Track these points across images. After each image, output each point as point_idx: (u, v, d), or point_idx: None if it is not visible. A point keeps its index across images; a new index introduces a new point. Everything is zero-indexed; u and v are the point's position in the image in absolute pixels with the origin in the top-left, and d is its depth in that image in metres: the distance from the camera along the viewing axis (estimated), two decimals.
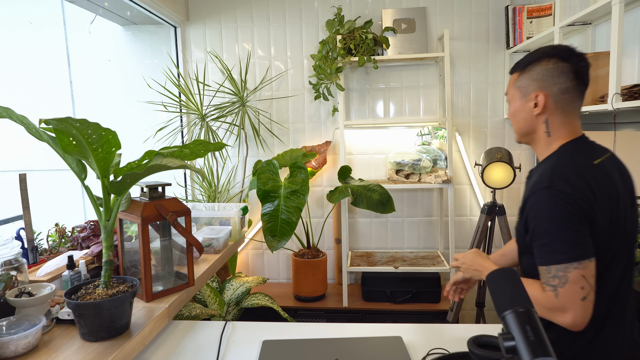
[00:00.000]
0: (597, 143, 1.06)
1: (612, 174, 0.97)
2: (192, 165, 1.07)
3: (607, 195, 0.92)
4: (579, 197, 0.89)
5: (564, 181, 0.91)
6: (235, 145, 2.77)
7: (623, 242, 0.96)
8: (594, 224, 0.90)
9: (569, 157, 0.98)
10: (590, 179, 0.92)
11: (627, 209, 0.98)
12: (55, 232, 1.53)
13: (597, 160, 0.97)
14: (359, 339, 1.13)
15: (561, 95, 0.98)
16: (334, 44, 2.43)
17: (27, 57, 2.81)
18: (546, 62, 0.99)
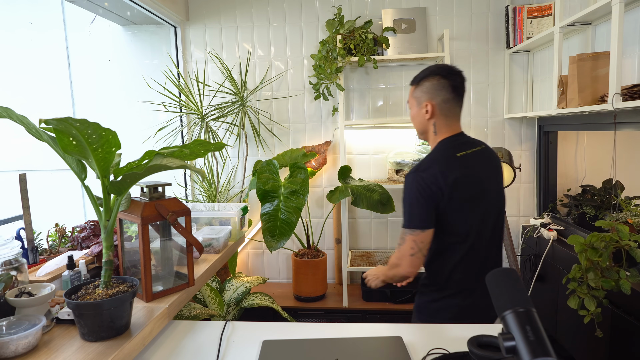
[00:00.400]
0: (472, 139, 1.34)
1: (475, 164, 1.26)
2: (192, 165, 1.07)
3: (465, 178, 1.22)
4: (431, 182, 1.20)
5: (424, 169, 1.23)
6: (235, 145, 2.77)
7: (484, 226, 1.26)
8: (447, 205, 1.20)
9: (440, 150, 1.28)
10: (448, 167, 1.21)
11: (492, 189, 1.29)
12: (55, 232, 1.53)
13: (461, 152, 1.26)
14: (359, 339, 1.13)
15: (443, 104, 1.28)
16: (334, 44, 2.43)
17: (27, 57, 2.81)
18: (432, 79, 1.28)
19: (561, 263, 2.08)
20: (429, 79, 1.29)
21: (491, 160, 1.34)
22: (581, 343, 1.87)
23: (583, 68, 1.77)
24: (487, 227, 1.29)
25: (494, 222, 1.31)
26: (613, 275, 1.40)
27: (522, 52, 2.58)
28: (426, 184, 1.20)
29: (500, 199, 1.35)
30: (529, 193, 2.69)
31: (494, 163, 1.34)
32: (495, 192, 1.32)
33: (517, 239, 2.69)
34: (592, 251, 1.43)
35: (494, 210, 1.30)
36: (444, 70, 1.27)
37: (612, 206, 2.05)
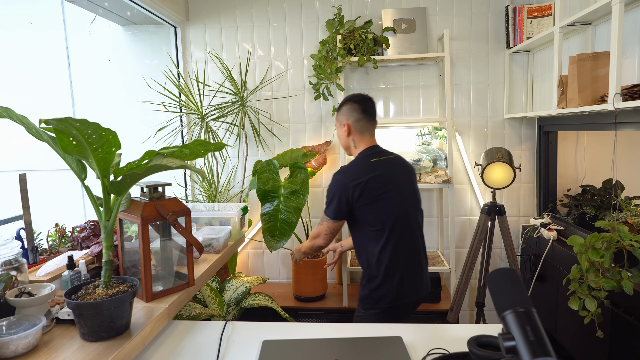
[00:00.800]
0: (385, 150, 1.66)
1: (387, 167, 1.58)
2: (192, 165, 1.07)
3: (377, 178, 1.53)
4: (347, 185, 1.53)
5: (343, 172, 1.58)
6: (235, 145, 2.77)
7: (396, 218, 1.54)
8: (356, 203, 1.53)
9: (359, 159, 1.62)
10: (363, 172, 1.54)
11: (404, 186, 1.59)
12: (55, 232, 1.53)
13: (374, 159, 1.59)
14: (359, 339, 1.13)
15: (357, 123, 1.63)
16: (334, 44, 2.43)
17: (27, 57, 2.81)
18: (347, 104, 1.65)
19: (561, 263, 2.08)
20: (345, 105, 1.65)
21: (403, 164, 1.66)
22: (581, 343, 1.87)
23: (583, 68, 1.77)
24: (403, 219, 1.56)
25: (410, 214, 1.60)
26: (615, 276, 1.40)
27: (522, 52, 2.58)
28: (345, 186, 1.54)
29: (414, 195, 1.65)
30: (529, 193, 2.69)
31: (406, 167, 1.67)
32: (409, 190, 1.62)
33: (517, 239, 2.69)
34: (593, 251, 1.43)
35: (408, 204, 1.60)
36: (356, 97, 1.64)
37: (612, 206, 2.05)
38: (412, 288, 1.58)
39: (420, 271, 1.61)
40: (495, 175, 2.13)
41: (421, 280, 1.61)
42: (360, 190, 1.51)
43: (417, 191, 1.67)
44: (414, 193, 1.64)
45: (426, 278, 1.65)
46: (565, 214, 2.46)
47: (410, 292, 1.57)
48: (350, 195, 1.53)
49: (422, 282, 1.62)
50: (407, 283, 1.56)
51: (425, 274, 1.64)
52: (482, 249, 2.29)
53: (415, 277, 1.59)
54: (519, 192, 2.69)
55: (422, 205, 1.68)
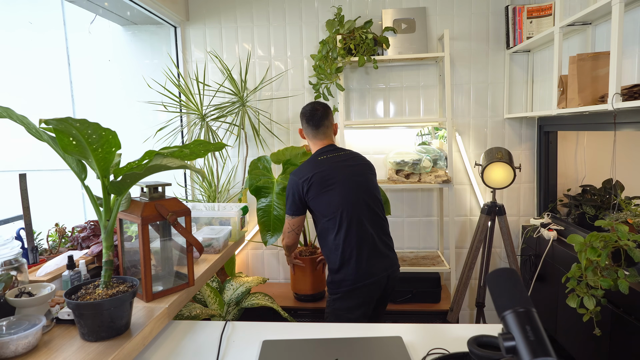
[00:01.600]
0: (337, 148, 1.83)
1: (332, 163, 1.75)
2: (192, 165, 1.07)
3: (321, 174, 1.71)
4: (298, 183, 1.73)
5: (295, 172, 1.77)
6: (235, 145, 2.77)
7: (344, 207, 1.68)
8: (307, 197, 1.72)
9: (309, 159, 1.80)
10: (311, 169, 1.73)
11: (349, 179, 1.73)
12: (55, 232, 1.53)
13: (321, 157, 1.77)
14: (359, 339, 1.13)
15: (306, 130, 1.86)
16: (334, 44, 2.43)
17: (27, 57, 2.81)
18: (300, 115, 1.86)
19: (561, 263, 2.08)
20: (300, 114, 1.87)
21: (354, 158, 1.82)
22: (581, 343, 1.87)
23: (583, 68, 1.77)
24: (351, 208, 1.69)
25: (358, 203, 1.71)
26: (612, 275, 1.40)
27: (522, 52, 2.58)
28: (296, 184, 1.74)
29: (363, 185, 1.76)
30: (529, 193, 2.69)
31: (358, 161, 1.82)
32: (356, 181, 1.74)
33: (517, 239, 2.69)
34: (591, 250, 1.43)
35: (354, 194, 1.72)
36: (303, 110, 1.85)
37: (612, 206, 2.05)
38: (369, 269, 1.68)
39: (378, 253, 1.72)
40: (495, 175, 2.13)
41: (381, 261, 1.72)
42: (308, 185, 1.71)
43: (368, 181, 1.78)
44: (362, 183, 1.76)
45: (389, 259, 1.75)
46: (565, 214, 2.46)
47: (368, 274, 1.68)
48: (301, 191, 1.72)
49: (382, 263, 1.72)
50: (363, 266, 1.67)
51: (385, 255, 1.74)
52: (482, 249, 2.29)
53: (372, 259, 1.70)
54: (519, 192, 2.69)
55: (378, 194, 1.81)
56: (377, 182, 1.85)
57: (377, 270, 1.70)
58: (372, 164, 1.87)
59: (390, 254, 1.77)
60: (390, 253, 1.78)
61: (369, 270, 1.69)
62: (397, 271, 1.80)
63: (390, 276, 1.75)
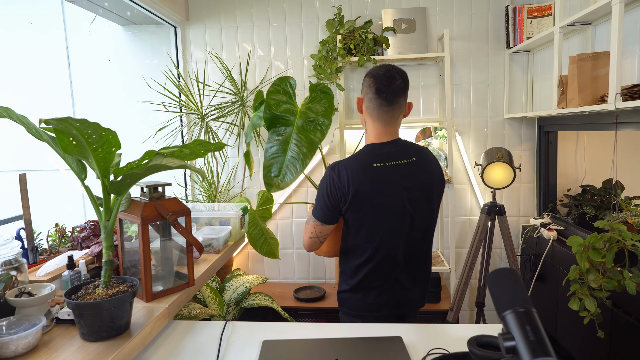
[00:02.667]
0: (404, 149, 1.31)
1: (388, 177, 1.25)
2: (192, 165, 1.07)
3: (371, 191, 1.24)
4: (338, 186, 1.25)
5: (337, 169, 1.27)
6: (235, 145, 2.77)
7: (382, 243, 1.28)
8: (343, 208, 1.27)
9: (360, 154, 1.30)
10: (359, 177, 1.24)
11: (401, 204, 1.27)
12: (55, 232, 1.53)
13: (378, 164, 1.26)
14: (359, 339, 1.13)
15: (369, 103, 1.29)
16: (334, 44, 2.43)
17: (27, 57, 2.81)
18: (366, 78, 1.31)
19: (561, 263, 2.08)
20: (365, 77, 1.33)
21: (420, 170, 1.30)
22: (581, 343, 1.87)
23: (583, 68, 1.77)
24: (394, 238, 1.29)
25: (405, 233, 1.30)
26: (616, 276, 1.39)
27: (522, 52, 2.58)
28: (334, 185, 1.27)
29: (423, 214, 1.31)
30: (529, 193, 2.69)
31: (422, 177, 1.30)
32: (415, 208, 1.29)
33: (517, 239, 2.69)
34: (594, 252, 1.42)
35: (403, 223, 1.29)
36: (374, 71, 1.30)
37: (612, 206, 2.05)
38: (372, 312, 1.36)
39: (398, 289, 1.36)
40: (495, 175, 2.13)
41: (397, 297, 1.37)
42: (349, 198, 1.26)
43: (428, 211, 1.33)
44: (420, 213, 1.31)
45: (408, 294, 1.37)
46: (565, 214, 2.46)
47: (370, 315, 1.36)
48: (337, 198, 1.28)
49: (398, 299, 1.37)
50: (372, 305, 1.35)
51: (406, 291, 1.37)
52: (482, 249, 2.29)
53: (385, 295, 1.36)
54: (519, 192, 2.69)
55: (433, 226, 1.38)
56: (439, 202, 1.38)
57: (385, 307, 1.36)
58: (442, 174, 1.38)
59: (413, 290, 1.38)
60: (411, 286, 1.38)
61: (381, 304, 1.36)
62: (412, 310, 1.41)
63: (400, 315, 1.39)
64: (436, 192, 1.34)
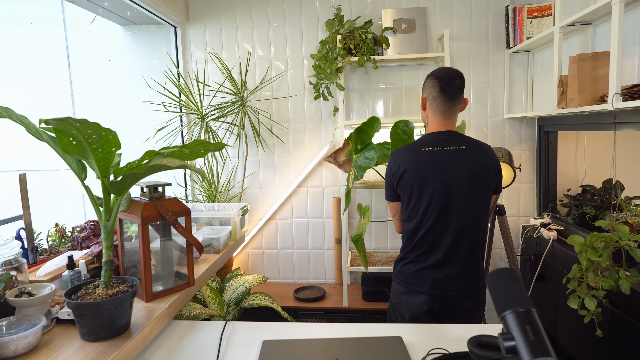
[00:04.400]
0: (455, 138, 1.46)
1: (435, 161, 1.42)
2: (192, 165, 1.07)
3: (416, 172, 1.42)
4: (393, 167, 1.48)
5: (395, 155, 1.50)
6: (235, 145, 2.77)
7: (426, 220, 1.43)
8: (397, 185, 1.48)
9: (415, 142, 1.50)
10: (407, 159, 1.45)
11: (442, 189, 1.40)
12: (55, 232, 1.53)
13: (427, 148, 1.45)
14: (359, 339, 1.13)
15: (433, 101, 1.48)
16: (334, 44, 2.43)
17: (27, 57, 2.81)
18: (430, 79, 1.49)
19: (561, 263, 2.08)
20: (428, 79, 1.51)
21: (469, 157, 1.43)
22: (581, 343, 1.87)
23: (583, 68, 1.77)
24: (436, 213, 1.42)
25: (448, 211, 1.42)
26: (613, 275, 1.40)
27: (522, 52, 2.58)
28: (390, 167, 1.50)
29: (463, 199, 1.41)
30: (529, 193, 2.69)
31: (469, 163, 1.42)
32: (454, 192, 1.41)
33: (517, 239, 2.69)
34: (592, 251, 1.43)
35: (446, 201, 1.41)
36: (437, 72, 1.47)
37: (612, 206, 2.05)
38: (422, 284, 1.45)
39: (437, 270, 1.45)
40: None
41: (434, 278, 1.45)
42: (398, 178, 1.47)
43: (473, 195, 1.41)
44: (463, 196, 1.41)
45: (448, 278, 1.44)
46: (565, 214, 2.46)
47: (420, 285, 1.45)
48: (392, 179, 1.49)
49: (435, 280, 1.44)
50: (422, 277, 1.45)
51: (446, 273, 1.44)
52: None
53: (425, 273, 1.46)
54: (519, 192, 2.69)
55: (479, 214, 1.44)
56: (490, 193, 1.47)
57: (422, 286, 1.46)
58: (496, 169, 1.46)
59: (471, 274, 1.44)
60: (472, 273, 1.44)
61: (418, 281, 1.46)
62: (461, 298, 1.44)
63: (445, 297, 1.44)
64: (484, 180, 1.43)
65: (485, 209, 1.46)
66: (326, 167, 2.77)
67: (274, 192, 2.82)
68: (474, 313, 1.47)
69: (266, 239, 2.87)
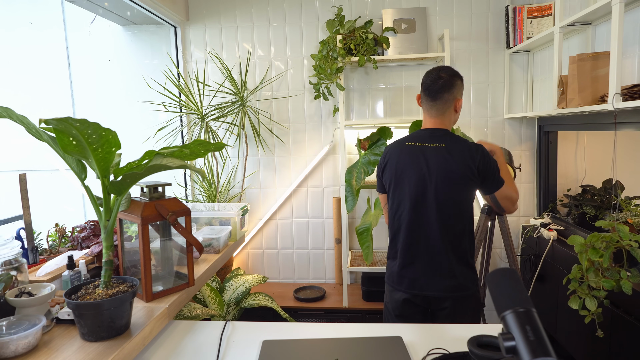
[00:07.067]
0: (438, 134, 1.49)
1: (414, 155, 1.47)
2: (192, 165, 1.07)
3: (395, 164, 1.51)
4: (381, 160, 1.59)
5: (387, 146, 1.59)
6: (235, 145, 2.77)
7: (400, 200, 1.50)
8: (382, 176, 1.58)
9: (404, 137, 1.56)
10: (392, 150, 1.54)
11: (416, 181, 1.46)
12: (55, 232, 1.53)
13: (411, 142, 1.51)
14: (359, 339, 1.13)
15: (422, 98, 1.54)
16: (334, 44, 2.43)
17: (27, 57, 2.81)
18: (422, 80, 1.54)
19: (561, 263, 2.08)
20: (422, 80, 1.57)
21: (442, 156, 1.44)
22: (581, 343, 1.87)
23: (583, 68, 1.77)
24: (412, 206, 1.46)
25: (423, 204, 1.45)
26: (614, 276, 1.40)
27: (522, 52, 2.58)
28: (380, 160, 1.61)
29: (437, 197, 1.43)
30: (529, 193, 2.69)
31: (446, 160, 1.43)
32: (429, 189, 1.44)
33: (517, 239, 2.69)
34: (593, 251, 1.43)
35: (421, 194, 1.45)
36: (428, 72, 1.52)
37: (612, 206, 2.05)
38: (396, 280, 1.50)
39: (421, 267, 1.47)
40: None
41: (433, 280, 1.46)
42: (382, 168, 1.58)
43: (449, 192, 1.42)
44: (438, 191, 1.42)
45: (445, 280, 1.45)
46: (565, 214, 2.46)
47: (395, 282, 1.51)
48: (380, 169, 1.60)
49: (434, 282, 1.46)
50: (396, 274, 1.51)
51: (441, 275, 1.45)
52: (482, 249, 2.29)
53: (411, 270, 1.48)
54: (519, 192, 2.69)
55: (451, 210, 1.44)
56: (468, 193, 1.45)
57: (403, 282, 1.49)
58: (475, 167, 1.42)
59: (448, 274, 1.44)
60: (449, 273, 1.44)
61: (398, 278, 1.51)
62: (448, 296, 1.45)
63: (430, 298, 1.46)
64: (461, 180, 1.42)
65: (461, 209, 1.44)
66: (326, 167, 2.77)
67: (274, 192, 2.82)
68: (455, 317, 1.42)
69: (266, 239, 2.87)
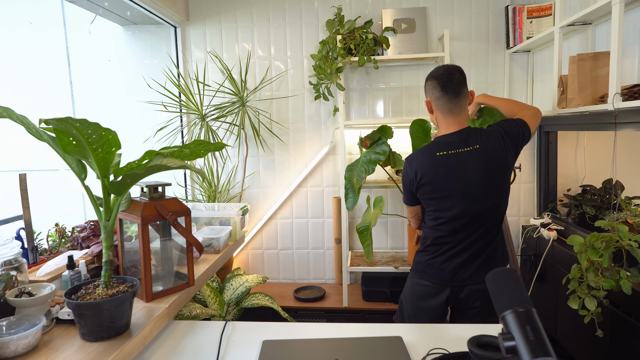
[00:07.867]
0: (464, 137, 1.43)
1: (449, 165, 1.42)
2: (192, 165, 1.07)
3: (433, 178, 1.43)
4: (408, 173, 1.50)
5: (409, 161, 1.51)
6: (235, 145, 2.77)
7: (457, 222, 1.44)
8: (417, 191, 1.50)
9: (428, 146, 1.49)
10: (422, 165, 1.45)
11: (461, 191, 1.41)
12: (55, 232, 1.53)
13: (441, 152, 1.43)
14: (359, 339, 1.13)
15: (437, 101, 1.46)
16: (334, 44, 2.43)
17: (27, 57, 2.81)
18: (429, 81, 1.48)
19: (561, 263, 2.08)
20: (427, 81, 1.50)
21: (481, 159, 1.41)
22: (581, 343, 1.87)
23: (583, 68, 1.77)
24: (458, 217, 1.44)
25: (469, 212, 1.43)
26: (614, 275, 1.40)
27: (522, 52, 2.58)
28: (407, 173, 1.51)
29: (486, 201, 1.44)
30: (529, 193, 2.69)
31: (487, 162, 1.41)
32: (474, 191, 1.42)
33: (517, 239, 2.69)
34: (592, 251, 1.43)
35: (465, 204, 1.43)
36: (434, 73, 1.47)
37: (612, 206, 2.05)
38: (434, 271, 1.51)
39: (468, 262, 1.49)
40: None
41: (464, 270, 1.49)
42: (417, 185, 1.48)
43: (494, 191, 1.44)
44: (482, 194, 1.42)
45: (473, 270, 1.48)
46: (565, 214, 2.46)
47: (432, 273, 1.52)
48: (411, 186, 1.51)
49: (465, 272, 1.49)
50: (433, 265, 1.51)
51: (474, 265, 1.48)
52: None
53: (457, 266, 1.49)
54: (519, 192, 2.69)
55: (499, 202, 1.48)
56: (509, 176, 1.47)
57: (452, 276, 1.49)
58: (505, 144, 1.43)
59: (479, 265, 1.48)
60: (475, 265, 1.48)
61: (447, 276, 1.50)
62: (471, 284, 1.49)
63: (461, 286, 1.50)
64: (504, 170, 1.44)
65: (505, 199, 1.50)
66: (326, 167, 2.77)
67: (274, 192, 2.82)
68: (483, 317, 1.48)
69: (266, 239, 2.87)
